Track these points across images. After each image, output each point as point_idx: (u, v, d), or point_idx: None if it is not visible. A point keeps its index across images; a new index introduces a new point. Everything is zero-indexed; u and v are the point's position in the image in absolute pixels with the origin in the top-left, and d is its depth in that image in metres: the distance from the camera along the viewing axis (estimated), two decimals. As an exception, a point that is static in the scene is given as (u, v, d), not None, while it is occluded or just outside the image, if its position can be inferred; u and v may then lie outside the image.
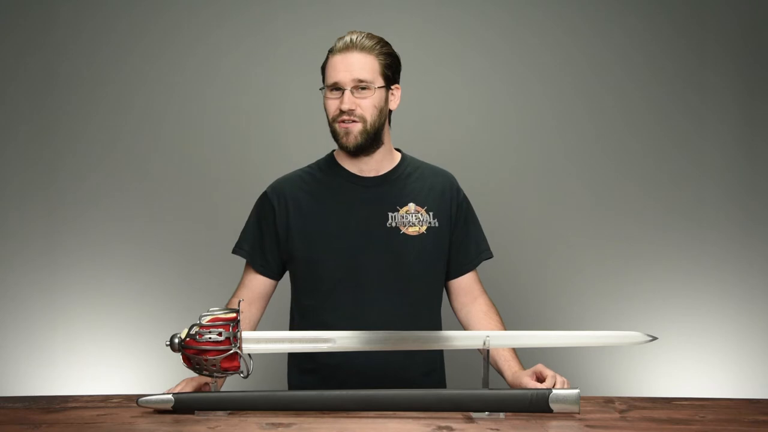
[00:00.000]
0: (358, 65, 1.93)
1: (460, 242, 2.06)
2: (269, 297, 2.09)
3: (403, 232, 2.00)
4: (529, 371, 1.85)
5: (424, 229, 2.01)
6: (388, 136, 2.04)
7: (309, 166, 2.10)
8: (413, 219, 2.01)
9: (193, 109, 3.04)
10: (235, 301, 2.03)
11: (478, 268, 2.11)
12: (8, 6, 3.02)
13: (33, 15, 3.03)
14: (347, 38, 1.95)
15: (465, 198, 2.10)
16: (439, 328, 2.08)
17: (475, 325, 2.04)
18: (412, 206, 2.02)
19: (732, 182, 3.01)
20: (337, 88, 1.94)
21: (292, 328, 2.09)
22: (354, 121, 1.93)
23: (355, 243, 1.98)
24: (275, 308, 2.25)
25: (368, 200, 2.01)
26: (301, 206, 2.02)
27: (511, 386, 1.88)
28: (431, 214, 2.02)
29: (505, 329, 2.03)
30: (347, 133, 1.95)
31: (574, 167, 3.04)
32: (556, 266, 3.02)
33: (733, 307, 2.99)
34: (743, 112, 3.02)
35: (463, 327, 2.08)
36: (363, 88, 1.93)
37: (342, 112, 1.93)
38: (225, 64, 3.04)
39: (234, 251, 2.09)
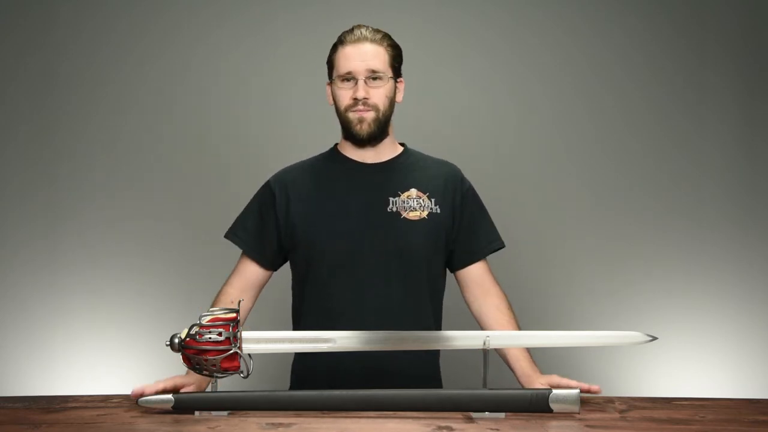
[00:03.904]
0: (371, 55, 1.96)
1: (467, 232, 2.05)
2: (262, 287, 2.08)
3: (404, 217, 1.99)
4: (544, 380, 1.82)
5: (425, 214, 2.01)
6: (392, 129, 2.06)
7: (312, 158, 2.12)
8: (414, 204, 2.01)
9: (193, 109, 3.04)
10: (228, 289, 2.04)
11: (488, 260, 2.10)
12: (8, 6, 3.02)
13: (33, 15, 3.03)
14: (357, 31, 1.98)
15: (471, 188, 2.10)
16: (440, 316, 2.08)
17: (487, 321, 2.02)
18: (413, 191, 2.02)
19: (732, 182, 3.01)
20: (349, 78, 1.96)
21: (294, 315, 2.09)
22: (368, 110, 1.96)
23: (355, 228, 1.98)
24: (275, 306, 2.25)
25: (369, 186, 2.02)
26: (302, 193, 2.03)
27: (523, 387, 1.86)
28: (433, 200, 2.02)
29: (519, 324, 2.02)
30: (361, 121, 1.97)
31: (574, 167, 3.04)
32: (556, 266, 3.02)
33: (733, 307, 2.99)
34: (743, 112, 3.02)
35: (476, 320, 2.07)
36: (375, 78, 1.96)
37: (356, 100, 1.95)
38: (225, 64, 3.04)
39: (228, 237, 2.08)
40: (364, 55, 1.96)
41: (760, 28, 3.01)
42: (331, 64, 2.01)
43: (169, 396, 1.68)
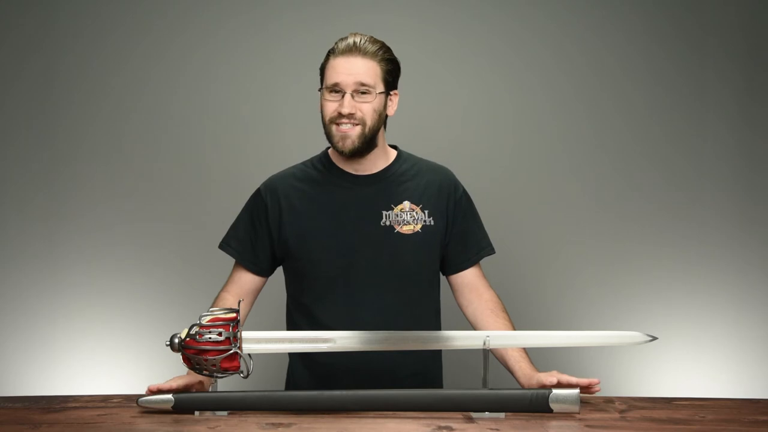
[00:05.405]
0: (361, 69, 1.92)
1: (459, 238, 2.05)
2: (258, 292, 2.09)
3: (398, 231, 1.99)
4: (543, 377, 1.81)
5: (419, 227, 2.00)
6: (383, 137, 2.04)
7: (303, 163, 2.10)
8: (408, 217, 2.00)
9: (193, 110, 3.04)
10: (225, 295, 2.04)
11: (481, 264, 2.10)
12: (8, 6, 3.02)
13: (33, 15, 3.02)
14: (350, 40, 1.94)
15: (464, 193, 2.09)
16: (437, 325, 2.07)
17: (483, 324, 2.01)
18: (407, 204, 2.01)
19: (732, 182, 3.01)
20: (336, 90, 1.93)
21: (288, 325, 2.09)
22: (355, 124, 1.93)
23: (349, 242, 1.98)
24: (272, 307, 2.25)
25: (362, 199, 2.00)
26: (294, 204, 2.02)
27: (525, 388, 1.86)
28: (426, 212, 2.01)
29: (514, 326, 2.02)
30: (344, 138, 1.94)
31: (574, 167, 3.03)
32: (556, 266, 3.02)
33: (733, 307, 2.98)
34: (743, 112, 3.02)
35: (470, 324, 2.07)
36: (364, 93, 1.92)
37: (341, 114, 1.92)
38: (226, 65, 3.04)
39: (221, 247, 2.08)
40: (353, 69, 1.91)
41: (760, 28, 3.01)
42: (322, 71, 1.98)
43: (169, 396, 1.68)
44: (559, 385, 1.76)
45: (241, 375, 1.70)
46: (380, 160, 2.04)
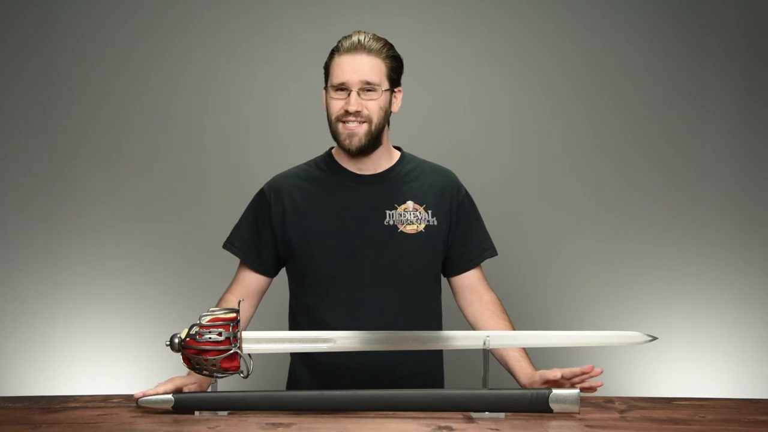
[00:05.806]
0: (367, 67, 1.93)
1: (462, 240, 2.05)
2: (263, 293, 2.09)
3: (401, 230, 1.99)
4: (546, 371, 1.81)
5: (422, 227, 2.00)
6: (387, 136, 2.04)
7: (307, 163, 2.10)
8: (411, 217, 2.00)
9: (193, 110, 3.04)
10: (229, 296, 2.04)
11: (481, 266, 2.10)
12: (8, 6, 3.02)
13: (33, 15, 3.02)
14: (354, 38, 1.94)
15: (467, 195, 2.09)
16: (438, 325, 2.08)
17: (483, 325, 2.02)
18: (410, 204, 2.01)
19: (732, 182, 3.01)
20: (342, 88, 1.93)
21: (291, 324, 2.10)
22: (362, 122, 1.93)
23: (352, 241, 1.98)
24: (274, 307, 2.25)
25: (366, 198, 2.00)
26: (297, 204, 2.02)
27: (527, 388, 1.86)
28: (430, 212, 2.02)
29: (514, 328, 2.02)
30: (351, 136, 1.94)
31: (575, 167, 3.03)
32: (556, 267, 3.02)
33: (733, 307, 2.98)
34: (743, 112, 3.02)
35: (470, 326, 2.07)
36: (369, 90, 1.93)
37: (347, 112, 1.93)
38: (225, 64, 3.04)
39: (225, 247, 2.08)
40: (359, 67, 1.92)
41: (760, 28, 3.01)
42: (326, 70, 1.99)
43: (169, 396, 1.68)
44: (563, 378, 1.76)
45: (241, 375, 1.70)
46: (384, 159, 2.04)
